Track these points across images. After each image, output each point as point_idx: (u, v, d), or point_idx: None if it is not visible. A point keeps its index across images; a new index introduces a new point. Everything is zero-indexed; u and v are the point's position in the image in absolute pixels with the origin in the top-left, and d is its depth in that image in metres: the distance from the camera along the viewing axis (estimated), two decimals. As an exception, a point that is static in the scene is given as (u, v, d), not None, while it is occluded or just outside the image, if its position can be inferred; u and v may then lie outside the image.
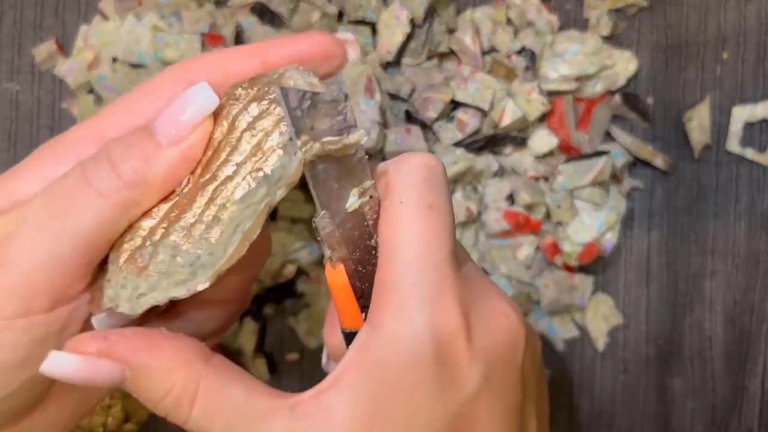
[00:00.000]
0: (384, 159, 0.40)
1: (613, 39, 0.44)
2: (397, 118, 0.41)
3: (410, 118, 0.41)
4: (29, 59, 0.44)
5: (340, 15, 0.42)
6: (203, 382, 0.22)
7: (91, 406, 0.27)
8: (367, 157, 0.23)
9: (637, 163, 0.44)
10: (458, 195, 0.41)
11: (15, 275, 0.22)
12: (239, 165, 0.22)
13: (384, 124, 0.40)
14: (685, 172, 0.45)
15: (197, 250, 0.22)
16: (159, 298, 0.22)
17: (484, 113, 0.41)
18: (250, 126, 0.22)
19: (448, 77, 0.41)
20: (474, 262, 0.25)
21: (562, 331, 0.44)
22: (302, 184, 0.24)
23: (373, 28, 0.42)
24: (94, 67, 0.43)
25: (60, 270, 0.22)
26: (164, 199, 0.23)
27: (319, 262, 0.42)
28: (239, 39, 0.43)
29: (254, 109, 0.22)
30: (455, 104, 0.41)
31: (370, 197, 0.23)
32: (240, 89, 0.23)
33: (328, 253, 0.24)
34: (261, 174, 0.22)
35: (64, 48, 0.44)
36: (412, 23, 0.41)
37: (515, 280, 0.43)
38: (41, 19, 0.44)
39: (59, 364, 0.21)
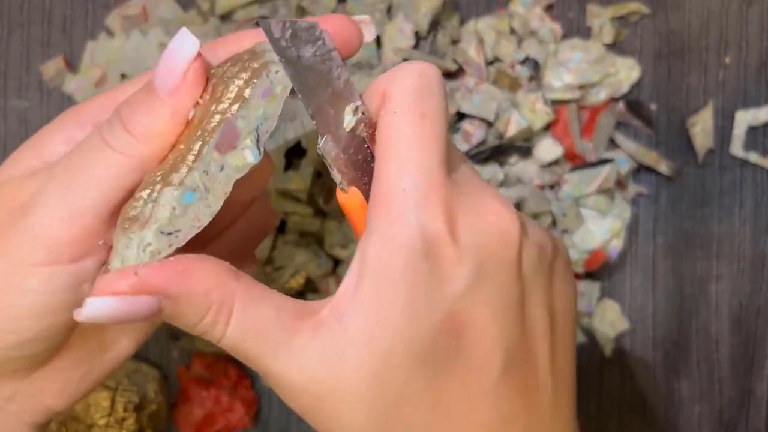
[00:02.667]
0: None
1: (615, 46, 0.44)
2: None
3: None
4: (37, 76, 0.44)
5: (345, 28, 0.43)
6: (237, 300, 0.22)
7: (105, 370, 0.28)
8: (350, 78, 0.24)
9: (641, 169, 0.45)
10: (465, 205, 0.42)
11: (43, 226, 0.23)
12: (222, 113, 0.23)
13: None
14: (690, 177, 0.45)
15: (192, 196, 0.23)
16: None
17: (489, 124, 0.41)
18: (230, 80, 0.24)
19: (453, 89, 0.42)
20: (469, 164, 0.26)
21: (569, 337, 0.45)
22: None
23: (377, 41, 0.42)
24: (101, 85, 0.43)
25: (83, 221, 0.24)
26: (160, 164, 0.24)
27: (328, 274, 0.42)
28: (245, 53, 0.43)
29: (234, 67, 0.24)
30: (461, 116, 0.42)
31: (363, 114, 0.24)
32: (227, 64, 0.25)
33: (338, 177, 0.24)
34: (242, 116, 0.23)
35: (72, 64, 0.44)
36: (417, 36, 0.41)
37: (522, 288, 0.43)
38: (48, 36, 0.44)
39: (96, 308, 0.22)
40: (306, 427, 0.44)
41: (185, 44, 0.23)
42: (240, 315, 0.22)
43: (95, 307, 0.22)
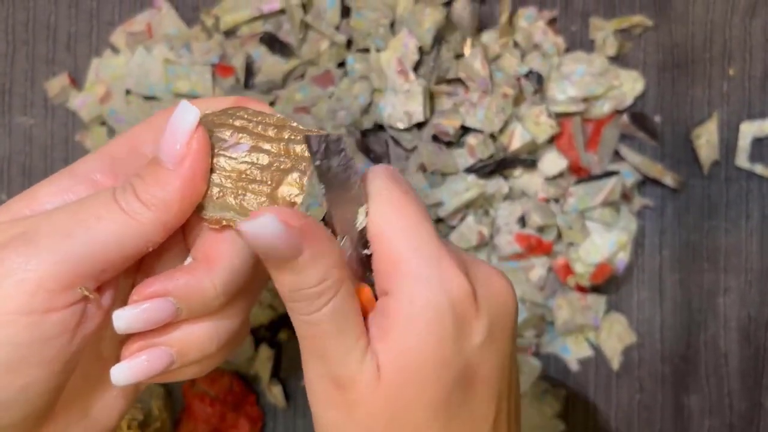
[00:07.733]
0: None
1: (619, 59, 0.44)
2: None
3: (435, 139, 0.42)
4: (42, 93, 0.45)
5: (349, 44, 0.43)
6: (343, 286, 0.24)
7: None
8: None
9: (646, 182, 0.45)
10: (470, 219, 0.41)
11: (27, 270, 0.22)
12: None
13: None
14: (695, 189, 0.45)
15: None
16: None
17: (493, 137, 0.41)
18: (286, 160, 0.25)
19: (456, 103, 0.42)
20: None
21: (576, 351, 0.45)
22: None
23: (381, 55, 0.42)
24: (105, 101, 0.44)
25: (73, 271, 0.22)
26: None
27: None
28: (249, 69, 0.43)
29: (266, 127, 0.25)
30: (465, 129, 0.42)
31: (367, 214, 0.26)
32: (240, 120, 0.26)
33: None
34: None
35: (77, 81, 0.45)
36: (420, 51, 0.41)
37: (529, 302, 0.43)
38: (53, 53, 0.45)
39: (264, 225, 0.22)
40: (311, 444, 0.43)
41: (187, 115, 0.24)
42: (337, 301, 0.23)
43: (264, 223, 0.21)
